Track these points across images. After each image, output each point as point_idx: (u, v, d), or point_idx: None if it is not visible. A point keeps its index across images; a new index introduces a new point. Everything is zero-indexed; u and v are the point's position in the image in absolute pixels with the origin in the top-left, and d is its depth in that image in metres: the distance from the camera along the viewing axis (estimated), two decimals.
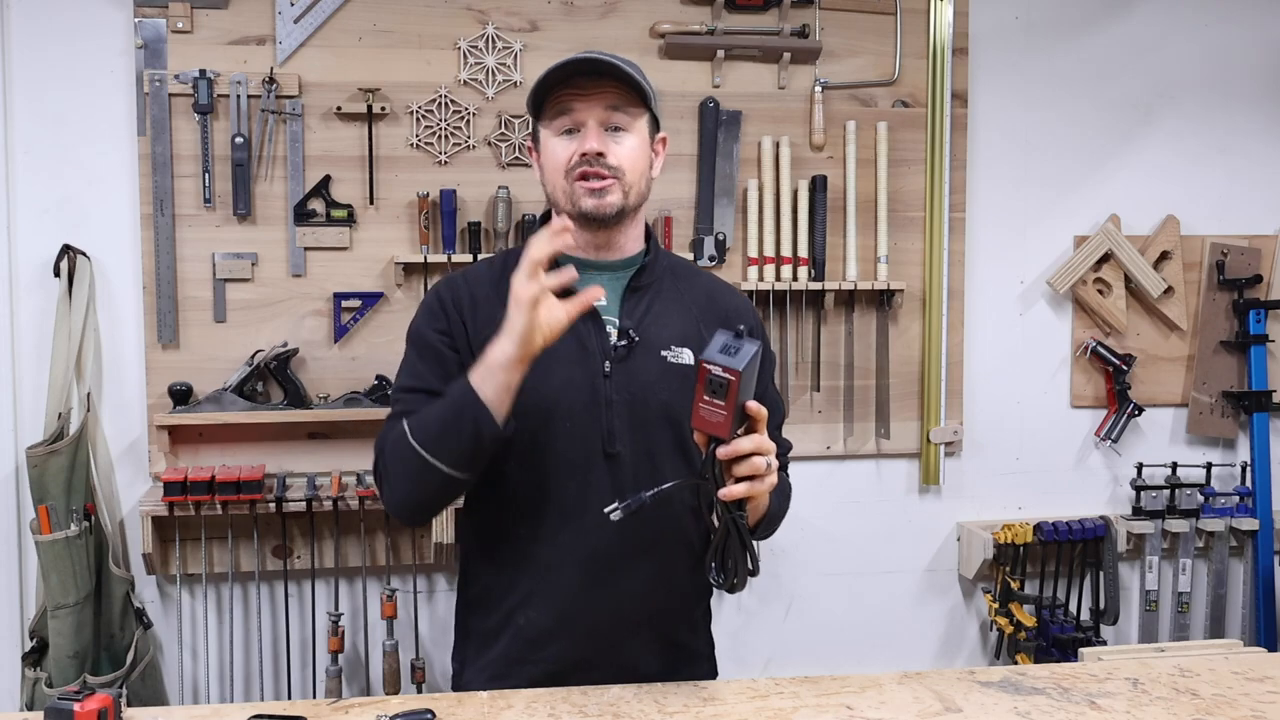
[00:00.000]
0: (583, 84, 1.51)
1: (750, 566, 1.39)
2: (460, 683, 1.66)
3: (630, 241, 1.62)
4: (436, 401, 1.48)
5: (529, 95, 1.56)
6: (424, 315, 1.62)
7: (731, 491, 1.34)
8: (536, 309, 1.36)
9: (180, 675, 2.69)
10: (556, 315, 1.37)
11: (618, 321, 1.58)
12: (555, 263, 1.58)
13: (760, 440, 1.35)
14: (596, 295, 1.39)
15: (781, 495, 1.64)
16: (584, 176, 1.51)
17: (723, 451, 1.33)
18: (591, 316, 1.55)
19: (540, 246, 1.36)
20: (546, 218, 1.66)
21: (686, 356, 1.59)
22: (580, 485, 1.54)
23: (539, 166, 1.59)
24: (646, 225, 1.67)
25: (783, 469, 1.74)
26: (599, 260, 1.60)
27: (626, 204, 1.55)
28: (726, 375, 1.28)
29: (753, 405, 1.34)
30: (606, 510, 1.38)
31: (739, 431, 1.33)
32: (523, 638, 1.58)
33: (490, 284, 1.59)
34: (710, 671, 1.71)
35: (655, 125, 1.60)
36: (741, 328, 1.31)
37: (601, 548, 1.52)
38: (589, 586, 1.54)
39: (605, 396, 1.54)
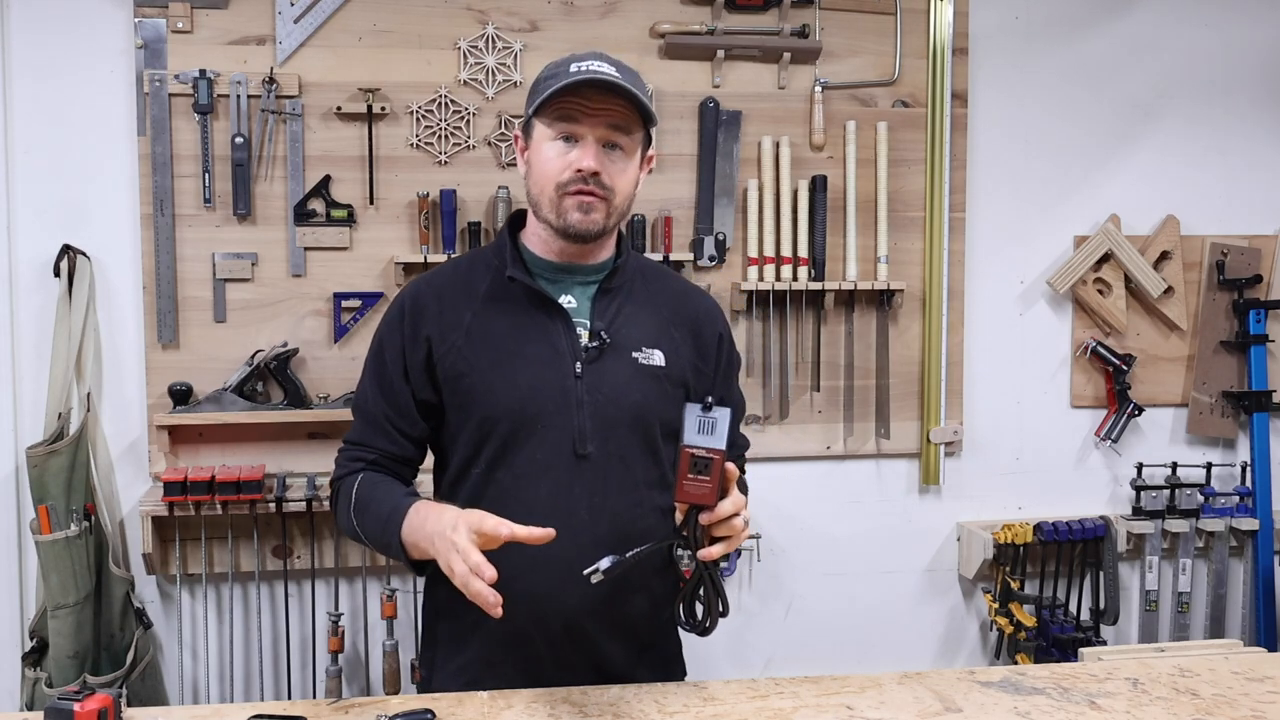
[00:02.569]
0: (591, 96, 1.50)
1: (722, 610, 1.44)
2: (430, 688, 1.64)
3: (603, 250, 1.63)
4: (381, 502, 1.53)
5: (532, 89, 1.55)
6: (386, 326, 1.63)
7: (710, 553, 1.38)
8: (461, 568, 1.35)
9: (180, 675, 2.69)
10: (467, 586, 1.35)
11: (589, 323, 1.58)
12: (528, 270, 1.59)
13: (737, 500, 1.39)
14: (547, 537, 1.37)
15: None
16: (577, 193, 1.51)
17: (706, 518, 1.37)
18: (562, 318, 1.56)
19: (504, 531, 1.35)
20: (519, 218, 1.65)
21: (657, 357, 1.59)
22: (551, 486, 1.54)
23: (525, 161, 1.58)
24: (619, 231, 1.67)
25: (740, 469, 1.75)
26: (572, 264, 1.61)
27: (608, 224, 1.55)
28: (710, 455, 1.33)
29: (729, 467, 1.36)
30: (586, 572, 1.39)
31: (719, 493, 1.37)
32: (494, 640, 1.57)
33: (456, 286, 1.60)
34: (679, 671, 1.71)
35: (648, 141, 1.60)
36: (709, 399, 1.34)
37: (573, 549, 1.51)
38: (560, 588, 1.53)
39: (576, 398, 1.54)
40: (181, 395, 2.56)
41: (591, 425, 1.54)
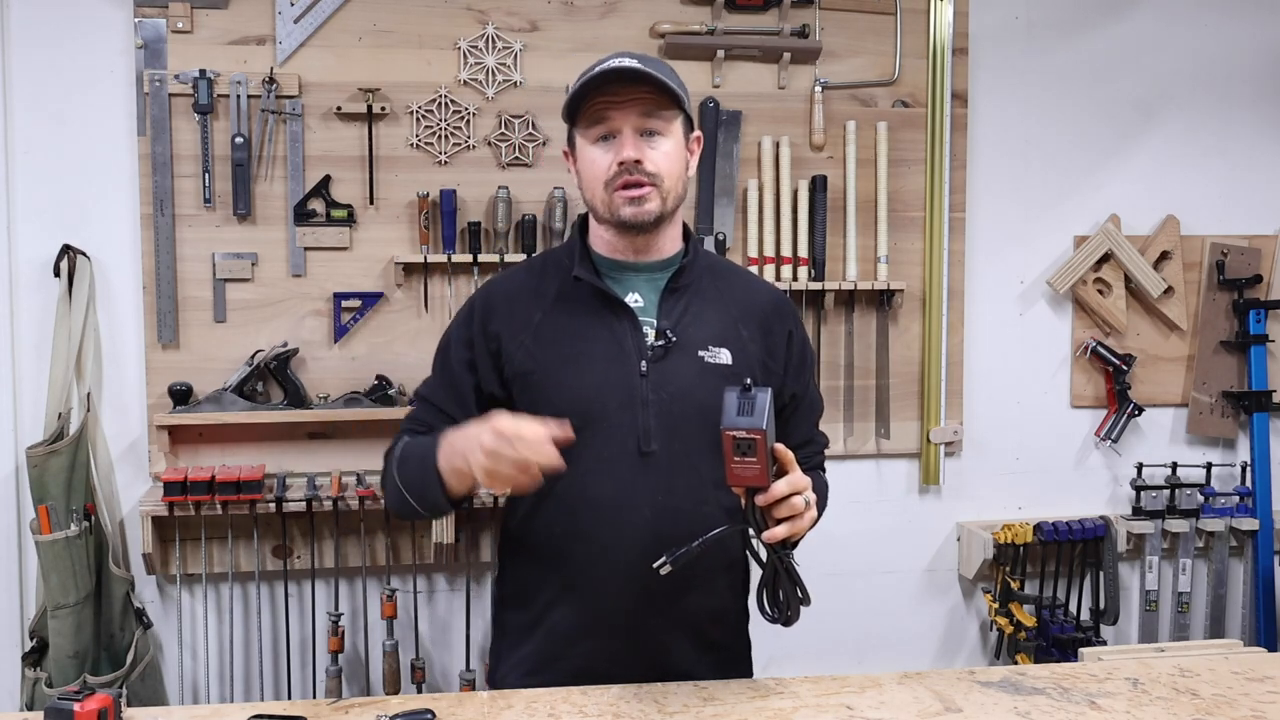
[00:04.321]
0: (617, 90, 1.52)
1: (802, 598, 1.43)
2: (495, 679, 1.67)
3: (668, 243, 1.64)
4: (422, 445, 1.54)
5: (565, 103, 1.57)
6: (457, 323, 1.67)
7: (774, 534, 1.39)
8: (489, 458, 1.35)
9: (180, 675, 2.69)
10: (498, 482, 1.37)
11: (655, 322, 1.59)
12: (595, 270, 1.60)
13: (795, 480, 1.39)
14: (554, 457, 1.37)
15: (820, 497, 1.66)
16: (624, 186, 1.53)
17: (762, 500, 1.37)
18: (629, 317, 1.58)
19: (536, 432, 1.36)
20: (584, 223, 1.67)
21: (724, 356, 1.60)
22: (616, 484, 1.55)
23: (576, 172, 1.61)
24: (685, 225, 1.68)
25: (819, 467, 1.76)
26: (637, 262, 1.62)
27: (664, 209, 1.56)
28: (751, 435, 1.32)
29: (780, 448, 1.37)
30: (655, 565, 1.41)
31: (773, 473, 1.37)
32: (557, 634, 1.59)
33: (527, 288, 1.62)
34: (745, 672, 1.72)
35: (689, 124, 1.61)
36: (748, 380, 1.34)
37: (637, 546, 1.53)
38: (622, 585, 1.55)
39: (642, 396, 1.55)
40: (181, 395, 2.56)
41: (656, 424, 1.55)
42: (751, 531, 1.41)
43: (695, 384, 1.57)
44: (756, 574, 1.50)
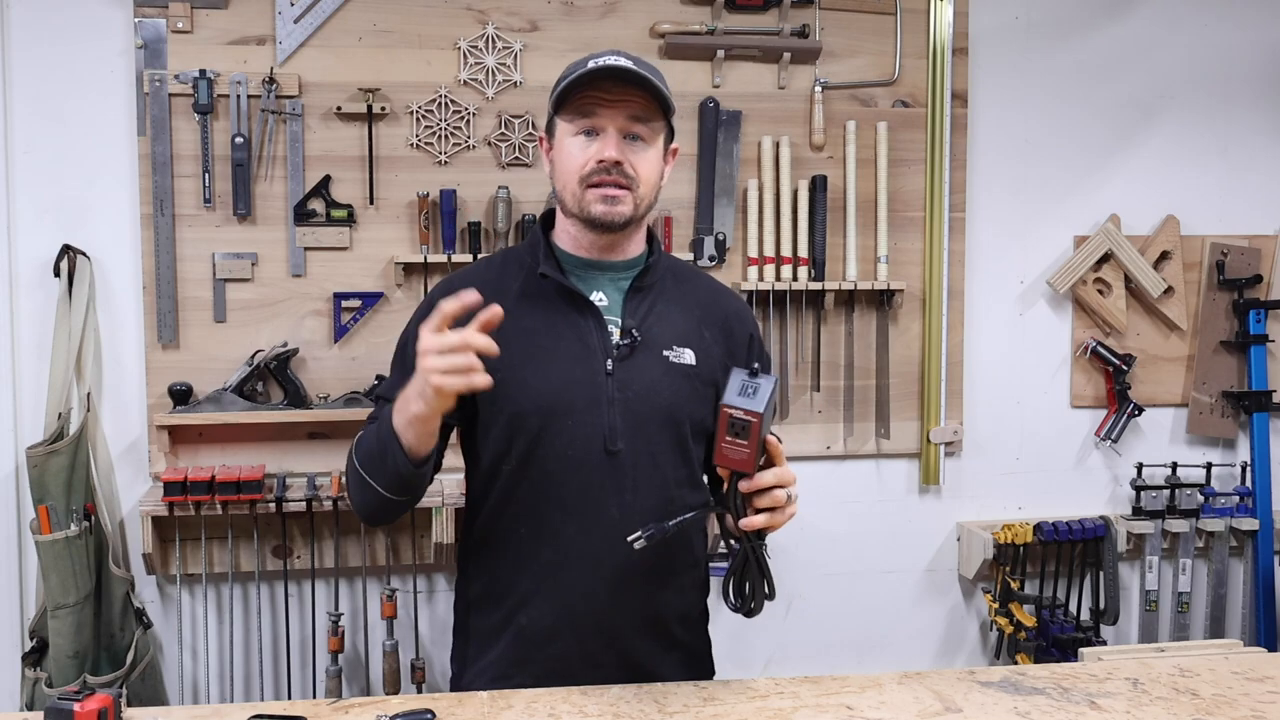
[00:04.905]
0: (609, 88, 1.51)
1: (767, 592, 1.43)
2: (460, 685, 1.66)
3: (634, 245, 1.64)
4: (378, 423, 1.50)
5: (553, 89, 1.56)
6: (417, 320, 1.63)
7: (751, 521, 1.37)
8: (432, 360, 1.33)
9: (180, 675, 2.69)
10: (451, 377, 1.32)
11: (620, 321, 1.59)
12: (560, 268, 1.60)
13: (781, 473, 1.38)
14: (495, 315, 1.35)
15: None
16: (598, 184, 1.52)
17: (744, 485, 1.36)
18: (594, 315, 1.57)
19: (449, 303, 1.34)
20: (549, 218, 1.67)
21: (688, 356, 1.60)
22: (581, 483, 1.55)
23: (549, 160, 1.61)
24: (649, 228, 1.68)
25: None
26: (602, 260, 1.62)
27: (635, 214, 1.56)
28: (748, 417, 1.31)
29: (772, 440, 1.36)
30: (630, 539, 1.40)
31: (759, 463, 1.36)
32: (524, 637, 1.59)
33: (488, 282, 1.59)
34: (708, 670, 1.72)
35: (671, 135, 1.61)
36: (756, 365, 1.34)
37: (603, 546, 1.53)
38: (590, 584, 1.55)
39: (607, 395, 1.55)
40: (181, 395, 2.56)
41: (622, 422, 1.54)
42: (730, 514, 1.41)
43: (660, 383, 1.57)
44: (715, 578, 1.49)
